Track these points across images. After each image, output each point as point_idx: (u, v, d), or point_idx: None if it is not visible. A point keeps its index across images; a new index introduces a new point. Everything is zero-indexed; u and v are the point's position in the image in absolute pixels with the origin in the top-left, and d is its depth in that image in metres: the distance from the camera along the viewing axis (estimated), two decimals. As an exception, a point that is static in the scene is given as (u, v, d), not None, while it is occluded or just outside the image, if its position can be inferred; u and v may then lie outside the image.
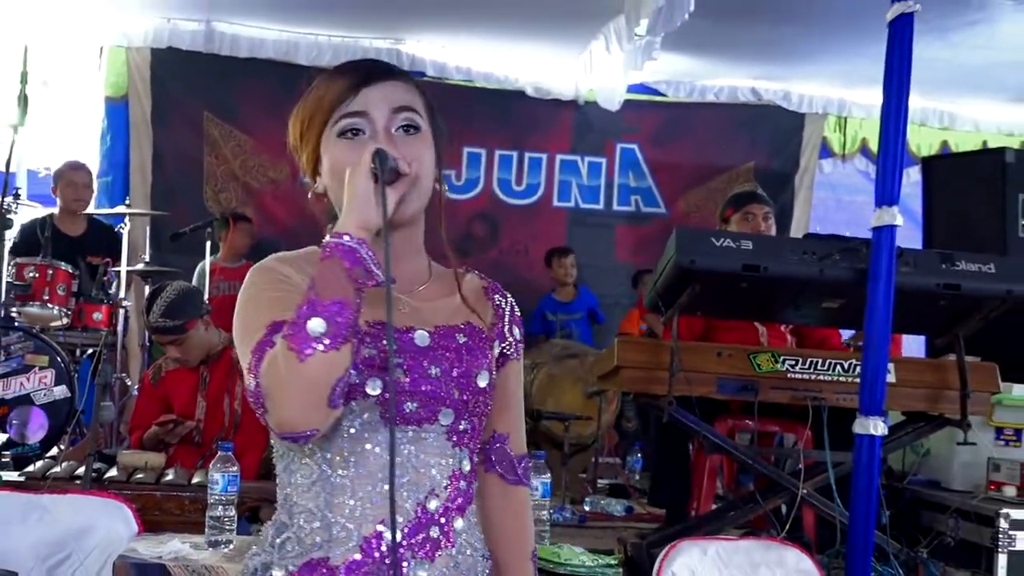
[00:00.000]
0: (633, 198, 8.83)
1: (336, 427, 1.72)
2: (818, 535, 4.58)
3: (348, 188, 1.67)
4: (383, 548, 1.73)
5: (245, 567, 1.84)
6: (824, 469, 4.19)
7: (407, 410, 1.76)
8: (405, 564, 1.74)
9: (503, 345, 1.94)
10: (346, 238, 1.63)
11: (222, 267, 7.62)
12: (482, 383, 1.82)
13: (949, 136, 8.96)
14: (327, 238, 1.66)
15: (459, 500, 1.81)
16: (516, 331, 1.96)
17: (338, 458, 1.75)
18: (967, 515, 4.41)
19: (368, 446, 1.75)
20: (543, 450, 4.23)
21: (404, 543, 1.74)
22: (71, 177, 6.83)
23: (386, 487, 1.69)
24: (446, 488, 1.79)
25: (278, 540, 1.79)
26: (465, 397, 1.80)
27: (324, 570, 1.74)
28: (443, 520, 1.79)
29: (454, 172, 8.59)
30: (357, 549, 1.74)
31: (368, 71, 1.84)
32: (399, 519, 1.72)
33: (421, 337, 1.80)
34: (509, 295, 1.99)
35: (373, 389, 1.72)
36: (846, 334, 5.18)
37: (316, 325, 1.56)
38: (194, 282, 7.35)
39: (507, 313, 1.96)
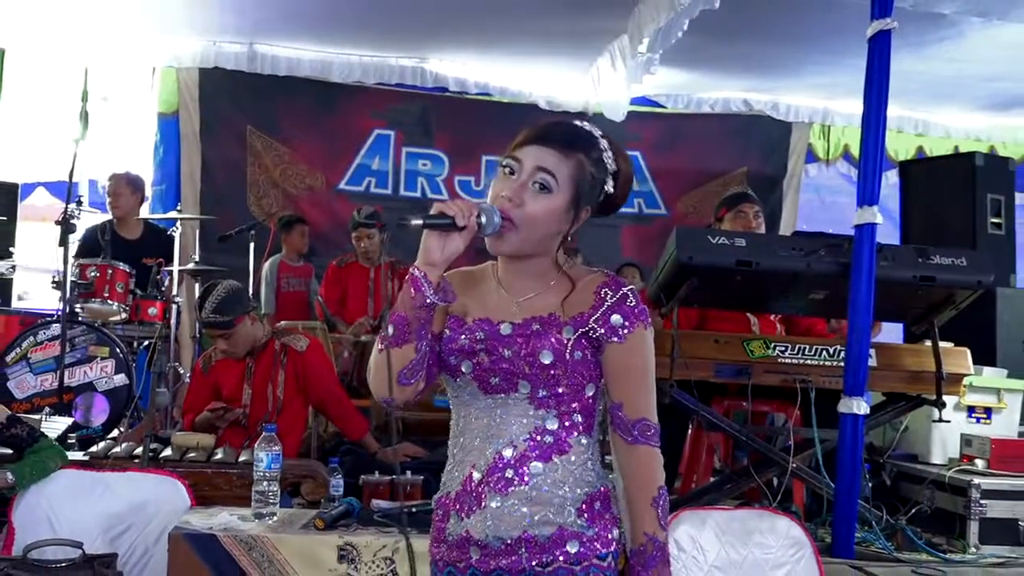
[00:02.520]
0: (636, 200, 8.81)
1: (460, 397, 2.17)
2: (806, 505, 4.58)
3: (423, 238, 2.03)
4: (472, 484, 2.09)
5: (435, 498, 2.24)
6: (812, 445, 4.18)
7: (493, 383, 2.10)
8: (484, 496, 2.07)
9: (585, 329, 2.09)
10: (414, 271, 2.01)
11: (288, 265, 7.65)
12: (545, 360, 2.07)
13: (924, 142, 8.92)
14: (412, 268, 2.03)
15: (539, 450, 2.08)
16: (615, 318, 2.09)
17: (462, 419, 2.18)
18: (942, 486, 4.40)
19: (473, 410, 2.15)
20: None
21: (484, 480, 2.08)
22: (111, 188, 6.88)
23: (478, 440, 2.12)
24: (524, 441, 2.09)
25: (444, 477, 2.21)
26: (535, 372, 2.07)
27: (445, 499, 2.16)
28: (517, 464, 2.07)
29: (473, 178, 8.58)
30: (459, 484, 2.12)
31: (542, 129, 2.17)
32: (482, 463, 2.10)
33: (505, 328, 2.11)
34: (625, 288, 2.13)
35: (466, 369, 2.12)
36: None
37: (389, 329, 2.04)
38: (263, 279, 7.39)
39: (607, 303, 2.11)
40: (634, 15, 6.34)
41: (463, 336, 2.12)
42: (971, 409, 4.74)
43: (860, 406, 3.92)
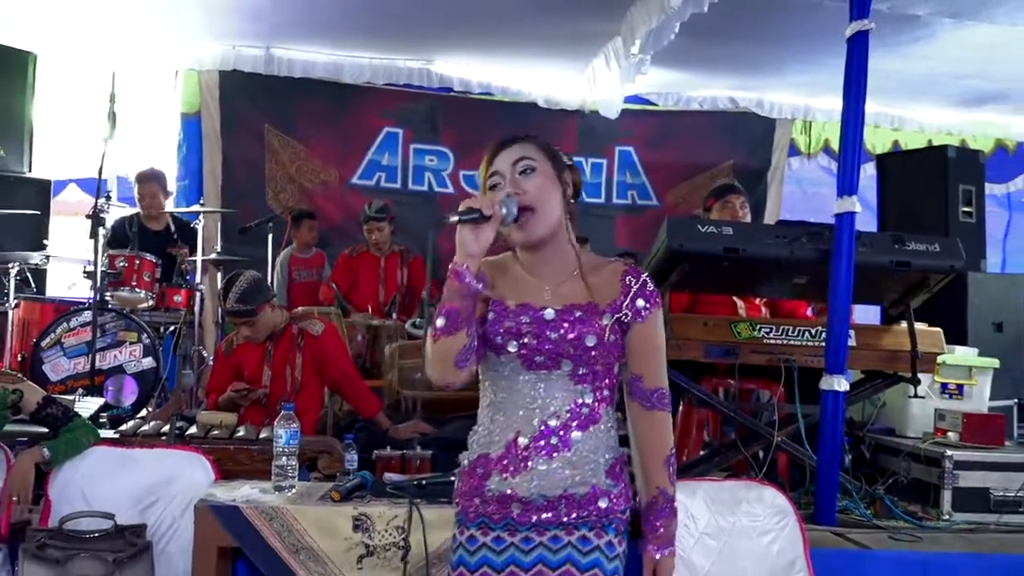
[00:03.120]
0: (630, 193, 8.80)
1: (498, 371, 2.31)
2: (790, 476, 4.58)
3: (456, 233, 2.17)
4: (517, 448, 2.26)
5: (461, 456, 2.43)
6: (795, 420, 4.18)
7: (537, 361, 2.27)
8: (531, 459, 2.25)
9: (619, 315, 2.30)
10: (455, 266, 2.14)
11: (298, 257, 7.65)
12: (589, 343, 2.25)
13: (899, 136, 8.90)
14: (452, 264, 2.17)
15: (579, 420, 2.27)
16: (640, 302, 2.32)
17: (499, 391, 2.33)
18: (917, 457, 4.40)
19: (515, 384, 2.30)
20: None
21: (531, 445, 2.26)
22: (144, 190, 6.90)
23: (522, 411, 2.28)
24: (567, 412, 2.27)
25: (471, 440, 2.40)
26: (579, 353, 2.25)
27: (485, 460, 2.32)
28: (561, 433, 2.26)
29: (477, 172, 8.54)
30: (502, 447, 2.29)
31: (497, 144, 2.40)
32: (528, 430, 2.27)
33: (548, 313, 2.28)
34: (644, 276, 2.36)
35: (512, 348, 2.27)
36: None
37: (440, 321, 2.17)
38: (276, 271, 7.39)
39: (632, 290, 2.33)
40: (627, 18, 6.33)
41: (508, 319, 2.28)
42: (944, 386, 4.75)
43: (840, 383, 3.92)
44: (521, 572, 2.27)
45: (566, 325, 2.26)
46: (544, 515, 2.26)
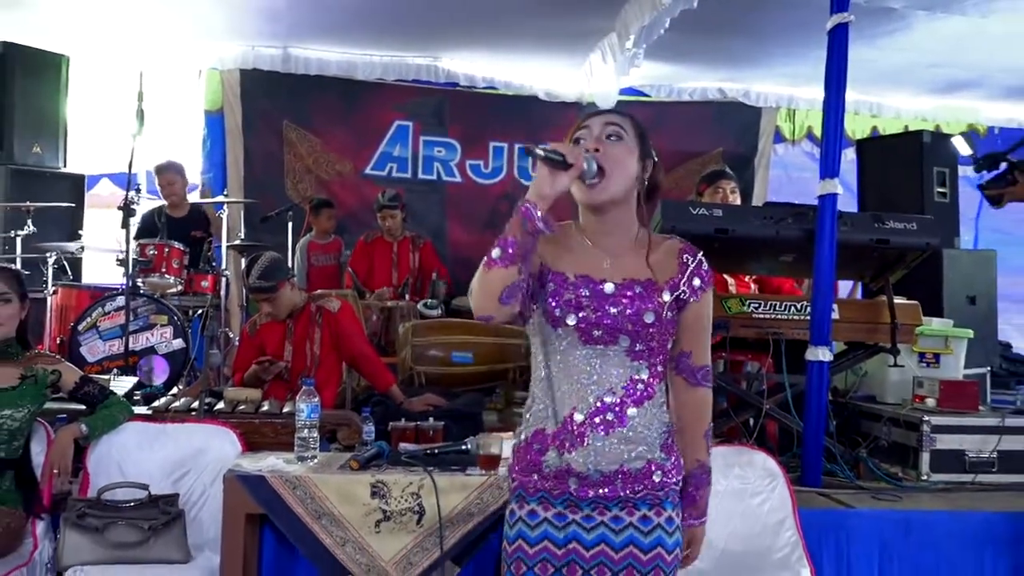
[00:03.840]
0: (627, 178, 8.78)
1: (554, 344, 2.17)
2: (779, 441, 4.59)
3: (536, 172, 2.02)
4: (573, 424, 2.13)
5: (517, 431, 2.28)
6: (783, 389, 4.19)
7: (595, 335, 2.13)
8: (587, 435, 2.12)
9: (678, 292, 2.17)
10: (526, 203, 1.99)
11: (317, 244, 7.64)
12: (648, 320, 2.12)
13: (877, 122, 8.86)
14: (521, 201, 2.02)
15: (634, 396, 2.14)
16: (696, 281, 2.19)
17: (554, 365, 2.17)
18: (897, 422, 4.40)
19: (571, 358, 2.15)
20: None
21: (587, 421, 2.12)
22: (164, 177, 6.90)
23: (578, 385, 2.14)
24: (623, 388, 2.13)
25: (526, 415, 2.24)
26: (637, 329, 2.12)
27: (542, 436, 2.17)
28: (617, 408, 2.12)
29: (482, 162, 8.54)
30: (559, 422, 2.15)
31: (596, 110, 2.28)
32: (583, 406, 2.13)
33: (608, 287, 2.15)
34: (700, 254, 2.23)
35: (570, 321, 2.13)
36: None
37: (496, 251, 1.98)
38: (296, 257, 7.39)
39: (690, 268, 2.20)
40: (621, 15, 6.32)
41: (567, 291, 2.14)
42: (922, 355, 4.74)
43: (825, 354, 3.92)
44: (583, 550, 2.16)
45: (625, 300, 2.13)
46: (601, 490, 2.14)
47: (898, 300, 4.30)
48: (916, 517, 3.68)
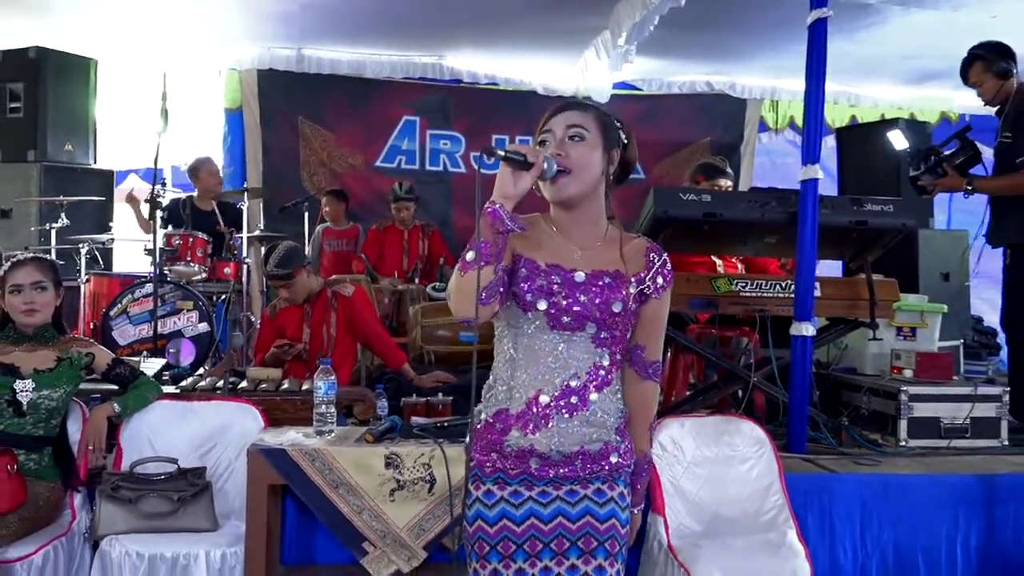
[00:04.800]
0: (620, 167, 8.75)
1: (521, 328, 2.10)
2: (766, 411, 4.59)
3: (499, 173, 1.97)
4: (539, 405, 2.07)
5: (476, 411, 2.19)
6: (769, 362, 4.19)
7: (564, 321, 2.07)
8: (552, 417, 2.07)
9: (643, 286, 2.13)
10: (492, 204, 1.93)
11: (332, 230, 7.63)
12: (616, 309, 2.08)
13: (856, 111, 8.80)
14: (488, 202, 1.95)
15: (596, 381, 2.09)
16: (659, 279, 2.15)
17: (520, 348, 2.10)
18: (876, 392, 4.40)
19: (538, 342, 2.09)
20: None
21: (552, 404, 2.07)
22: (207, 168, 6.88)
23: (544, 369, 2.08)
24: (587, 373, 2.09)
25: (487, 395, 2.16)
26: (604, 317, 2.07)
27: (504, 416, 2.10)
28: (581, 392, 2.08)
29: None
30: (523, 404, 2.08)
31: (559, 105, 2.18)
32: (549, 389, 2.07)
33: (579, 276, 2.09)
34: (664, 255, 2.18)
35: (541, 306, 2.06)
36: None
37: (469, 254, 1.94)
38: (311, 243, 7.38)
39: (655, 266, 2.15)
40: (614, 13, 6.28)
41: (539, 278, 2.08)
42: (899, 329, 4.75)
43: (808, 329, 3.91)
44: (541, 524, 2.09)
45: (595, 289, 2.07)
46: (561, 470, 2.09)
47: (876, 278, 4.29)
48: (895, 480, 3.68)
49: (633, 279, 2.12)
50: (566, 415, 2.07)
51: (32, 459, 3.30)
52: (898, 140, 6.12)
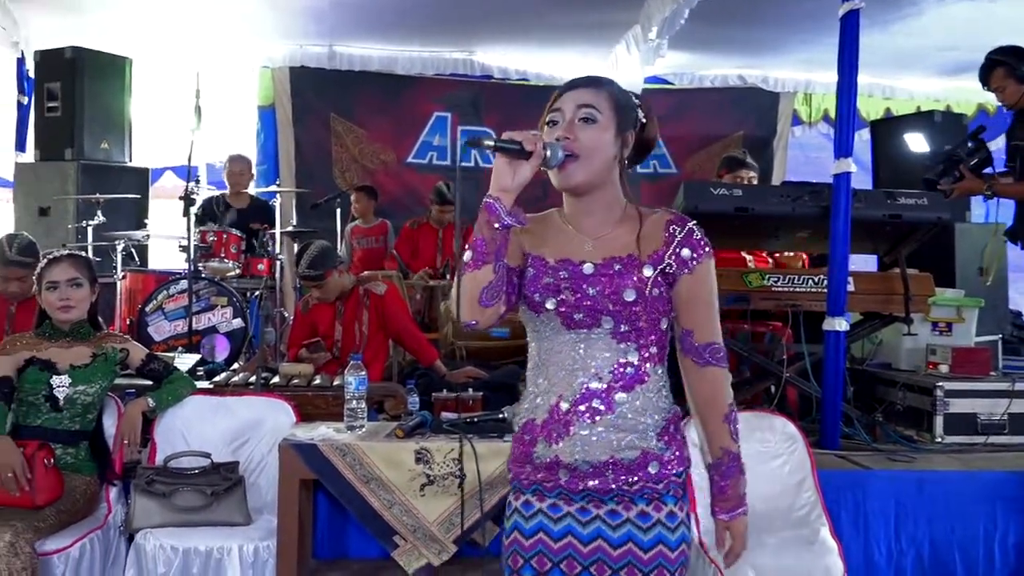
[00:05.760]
0: (652, 162, 8.64)
1: (540, 331, 1.93)
2: (799, 407, 4.56)
3: (494, 165, 1.80)
4: (560, 412, 1.88)
5: (514, 417, 2.05)
6: (802, 357, 4.15)
7: (577, 318, 1.88)
8: (573, 424, 1.87)
9: (662, 266, 1.88)
10: (488, 198, 1.78)
11: (360, 228, 7.65)
12: (628, 298, 1.85)
13: (891, 104, 8.71)
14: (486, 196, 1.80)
15: (622, 381, 1.87)
16: (685, 251, 1.89)
17: (543, 352, 1.93)
18: (912, 388, 4.36)
19: (556, 344, 1.91)
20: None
21: (572, 410, 1.87)
22: (228, 167, 6.93)
23: (563, 372, 1.89)
24: (609, 372, 1.87)
25: (521, 404, 2.00)
26: (618, 308, 1.86)
27: (531, 426, 1.93)
28: (604, 395, 1.86)
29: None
30: (546, 412, 1.90)
31: (571, 81, 2.00)
32: (568, 393, 1.88)
33: (587, 268, 1.89)
34: (690, 223, 1.93)
35: (550, 305, 1.89)
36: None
37: (467, 254, 1.80)
38: (342, 241, 7.40)
39: (676, 239, 1.90)
40: (644, 7, 6.28)
41: (546, 275, 1.90)
42: (935, 324, 4.69)
43: (841, 324, 3.88)
44: (580, 545, 1.89)
45: (604, 279, 1.86)
46: (591, 482, 1.87)
47: (911, 272, 4.24)
48: (930, 477, 3.64)
49: (648, 260, 1.88)
50: (588, 421, 1.86)
51: (69, 453, 3.35)
52: (917, 143, 6.04)
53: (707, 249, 1.93)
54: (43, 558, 2.99)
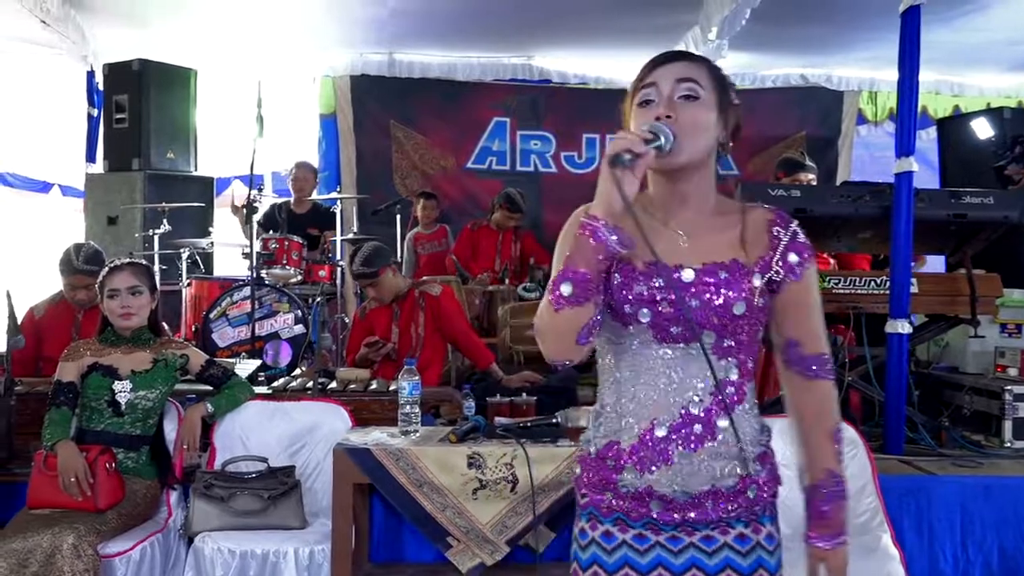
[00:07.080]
0: (714, 164, 8.62)
1: (623, 344, 1.70)
2: (862, 411, 4.46)
3: (599, 180, 1.58)
4: (654, 439, 1.67)
5: (584, 438, 1.81)
6: (864, 360, 4.07)
7: (673, 332, 1.66)
8: (672, 452, 1.67)
9: (769, 273, 1.69)
10: (590, 221, 1.56)
11: (422, 234, 7.69)
12: (738, 311, 1.65)
13: (960, 101, 8.49)
14: (584, 216, 1.58)
15: (724, 403, 1.67)
16: (792, 257, 1.70)
17: (625, 367, 1.71)
18: (979, 391, 4.24)
19: (645, 360, 1.69)
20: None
21: (670, 437, 1.67)
22: (294, 173, 7.03)
23: (656, 393, 1.68)
24: (710, 393, 1.67)
25: (596, 422, 1.78)
26: (724, 322, 1.66)
27: (616, 450, 1.71)
28: (705, 419, 1.67)
29: (576, 153, 8.48)
30: (635, 437, 1.69)
31: (662, 55, 1.76)
32: (665, 418, 1.67)
33: (687, 275, 1.66)
34: (793, 224, 1.74)
35: (643, 318, 1.66)
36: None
37: (566, 288, 1.57)
38: (404, 246, 7.44)
39: (783, 243, 1.71)
40: (703, 8, 6.22)
41: (638, 283, 1.66)
42: (1003, 326, 4.56)
43: (904, 326, 3.80)
44: None
45: (710, 289, 1.65)
46: (690, 514, 1.68)
47: (977, 272, 4.13)
48: (997, 482, 3.53)
49: (757, 268, 1.69)
50: (690, 449, 1.66)
51: (130, 457, 3.41)
52: (982, 129, 5.88)
53: (811, 252, 1.76)
54: (105, 560, 3.05)
